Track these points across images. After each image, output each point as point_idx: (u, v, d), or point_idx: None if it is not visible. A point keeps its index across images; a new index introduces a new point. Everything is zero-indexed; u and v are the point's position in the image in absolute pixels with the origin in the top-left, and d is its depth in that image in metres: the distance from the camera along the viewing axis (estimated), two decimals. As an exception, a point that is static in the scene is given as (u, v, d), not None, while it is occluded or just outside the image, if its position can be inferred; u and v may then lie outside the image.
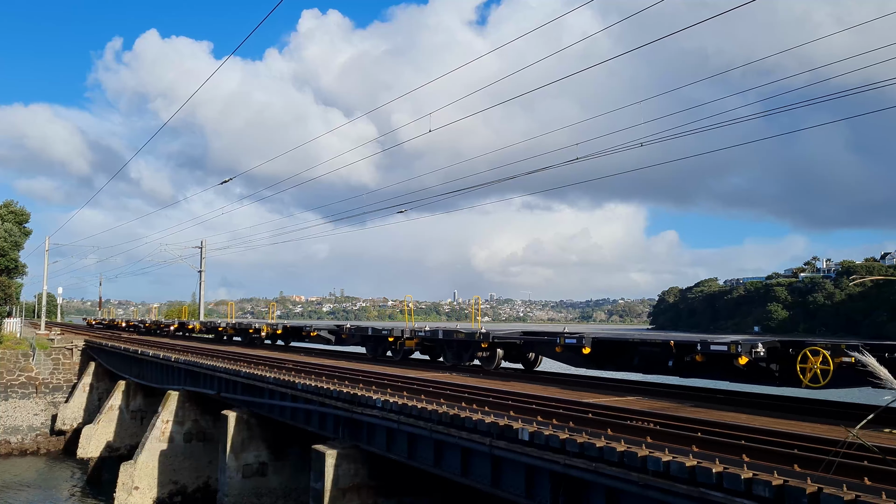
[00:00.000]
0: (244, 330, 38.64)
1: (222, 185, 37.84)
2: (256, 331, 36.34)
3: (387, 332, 24.76)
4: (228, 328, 40.76)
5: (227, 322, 42.26)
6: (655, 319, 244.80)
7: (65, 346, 45.99)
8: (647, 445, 9.07)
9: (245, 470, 21.49)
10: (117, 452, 33.54)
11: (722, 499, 7.70)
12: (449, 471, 12.91)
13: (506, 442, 11.08)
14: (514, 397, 13.49)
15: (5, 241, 52.73)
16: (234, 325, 40.80)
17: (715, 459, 8.12)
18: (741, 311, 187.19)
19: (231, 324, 41.19)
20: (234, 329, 40.37)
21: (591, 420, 10.68)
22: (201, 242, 59.33)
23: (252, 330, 36.96)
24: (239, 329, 39.72)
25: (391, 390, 15.63)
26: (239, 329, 39.72)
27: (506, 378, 18.69)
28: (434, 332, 22.35)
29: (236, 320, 47.90)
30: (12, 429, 42.06)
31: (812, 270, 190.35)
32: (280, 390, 19.47)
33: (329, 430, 17.11)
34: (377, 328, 26.13)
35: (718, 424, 9.80)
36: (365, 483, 15.61)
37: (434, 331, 22.48)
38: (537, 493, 10.77)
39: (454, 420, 12.28)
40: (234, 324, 40.97)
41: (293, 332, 33.88)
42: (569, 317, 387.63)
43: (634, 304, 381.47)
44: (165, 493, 26.02)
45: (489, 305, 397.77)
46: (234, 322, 42.14)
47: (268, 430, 21.76)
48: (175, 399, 26.58)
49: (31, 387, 43.60)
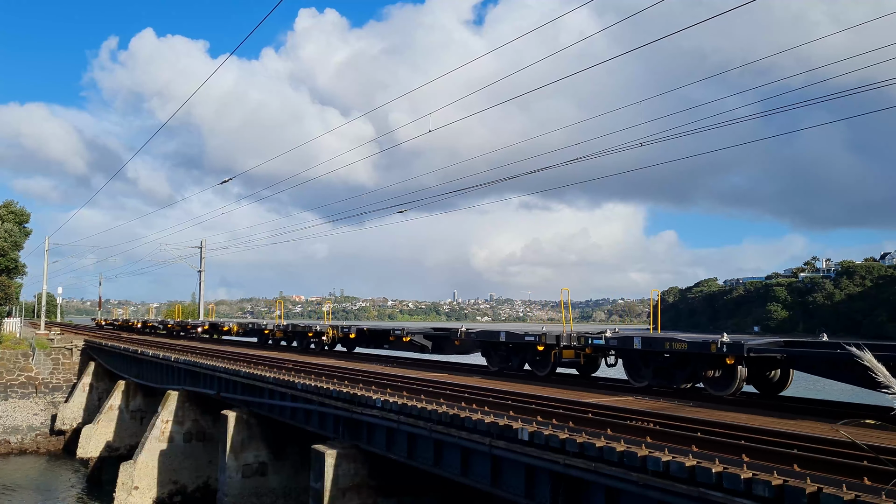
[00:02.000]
0: (300, 332, 31.17)
1: (221, 185, 37.86)
2: (318, 334, 29.18)
3: (533, 339, 18.00)
4: (277, 330, 33.06)
5: (277, 324, 34.39)
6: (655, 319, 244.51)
7: (64, 345, 46.00)
8: (647, 445, 9.07)
9: (245, 470, 21.49)
10: (117, 452, 33.52)
11: (722, 499, 7.70)
12: (449, 471, 12.92)
13: (505, 442, 11.08)
14: (514, 397, 13.50)
15: (5, 241, 52.72)
16: (284, 326, 32.96)
17: (715, 459, 8.12)
18: (741, 311, 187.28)
19: (280, 325, 33.47)
20: (287, 332, 32.60)
21: (591, 420, 10.68)
22: (201, 242, 59.37)
23: (312, 333, 29.64)
24: (294, 332, 32.02)
25: (391, 390, 15.64)
26: (294, 332, 32.02)
27: (506, 378, 18.68)
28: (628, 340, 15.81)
29: (289, 321, 40.30)
30: (12, 429, 42.05)
31: (812, 270, 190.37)
32: (280, 390, 19.47)
33: (329, 430, 17.11)
34: (515, 332, 19.15)
35: (718, 424, 9.80)
36: (365, 483, 15.61)
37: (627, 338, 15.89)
38: (537, 492, 10.78)
39: (454, 420, 12.28)
40: (286, 325, 33.11)
41: (372, 337, 27.16)
42: (569, 317, 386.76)
43: (634, 304, 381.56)
44: (165, 492, 26.02)
45: (489, 305, 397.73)
46: (286, 324, 34.05)
47: (268, 429, 21.75)
48: (175, 399, 26.58)
49: (31, 387, 43.60)
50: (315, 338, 29.68)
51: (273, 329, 33.62)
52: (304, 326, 31.01)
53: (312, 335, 29.77)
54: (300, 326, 31.50)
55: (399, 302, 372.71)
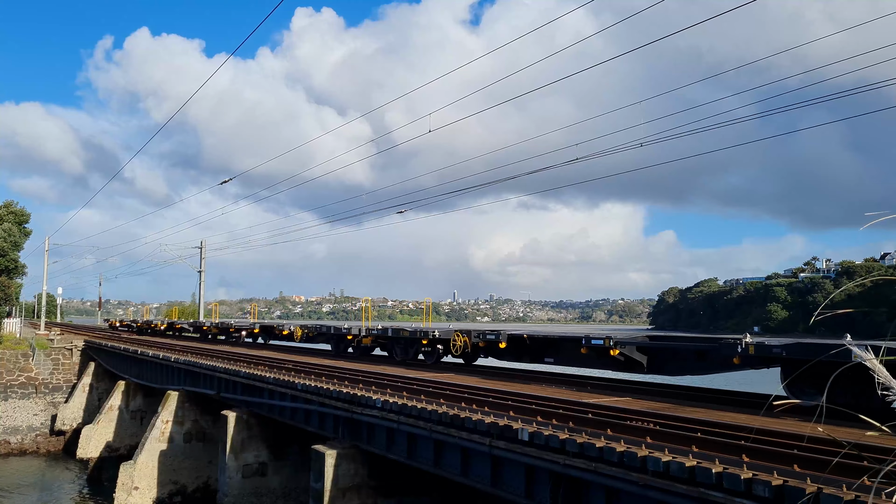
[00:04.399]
0: (406, 340, 23.29)
1: (221, 185, 37.85)
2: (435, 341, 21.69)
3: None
4: (363, 336, 25.43)
5: (365, 327, 26.51)
6: (655, 319, 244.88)
7: (64, 346, 46.00)
8: (647, 445, 9.07)
9: (245, 470, 21.49)
10: (117, 452, 33.53)
11: (721, 499, 7.70)
12: (449, 471, 12.92)
13: (505, 442, 11.08)
14: (514, 397, 13.49)
15: (5, 242, 52.74)
16: (379, 331, 25.16)
17: (714, 459, 8.12)
18: (741, 311, 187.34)
19: (376, 330, 25.50)
20: (382, 338, 24.98)
21: (591, 420, 10.68)
22: (201, 242, 59.34)
23: (428, 342, 21.95)
24: (395, 338, 23.97)
25: (391, 390, 15.63)
26: (395, 338, 23.97)
27: (506, 378, 18.68)
28: None
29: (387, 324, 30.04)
30: (12, 429, 42.06)
31: (812, 270, 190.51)
32: (280, 390, 19.48)
33: (329, 430, 17.11)
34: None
35: (718, 424, 9.79)
36: (365, 483, 15.61)
37: None
38: (537, 492, 10.78)
39: (454, 420, 12.28)
40: (382, 330, 25.09)
41: (535, 348, 19.15)
42: (568, 317, 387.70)
43: (634, 305, 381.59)
44: (165, 493, 26.02)
45: (489, 306, 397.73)
46: (382, 327, 26.20)
47: (267, 430, 21.75)
48: (175, 399, 26.58)
49: (31, 387, 43.60)
50: (429, 346, 22.07)
51: (357, 334, 25.97)
52: (420, 331, 22.53)
53: (427, 344, 22.11)
54: (406, 331, 23.26)
55: (399, 302, 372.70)
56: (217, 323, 43.32)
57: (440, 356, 22.46)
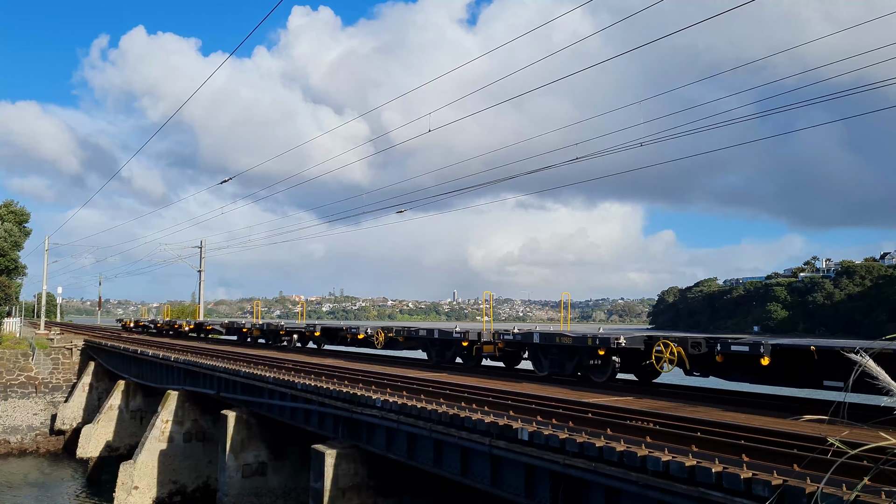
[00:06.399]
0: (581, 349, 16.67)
1: (220, 185, 37.86)
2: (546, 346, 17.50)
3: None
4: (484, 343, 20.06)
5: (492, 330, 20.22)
6: (655, 319, 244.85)
7: (64, 345, 46.00)
8: (647, 445, 9.08)
9: (245, 470, 21.50)
10: (117, 452, 33.53)
11: (721, 498, 7.70)
12: (448, 470, 12.92)
13: (505, 442, 11.08)
14: (514, 397, 13.49)
15: (5, 241, 52.75)
16: (522, 335, 18.49)
17: (714, 459, 8.13)
18: (741, 311, 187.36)
19: (510, 333, 18.97)
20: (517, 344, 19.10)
21: (591, 420, 10.68)
22: (201, 242, 59.35)
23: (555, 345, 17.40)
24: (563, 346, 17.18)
25: (391, 390, 15.64)
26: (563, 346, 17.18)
27: (506, 378, 18.68)
28: None
29: (523, 325, 24.21)
30: (12, 428, 42.06)
31: (811, 270, 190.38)
32: (280, 390, 19.48)
33: (329, 430, 17.12)
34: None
35: (718, 424, 9.79)
36: (365, 483, 15.62)
37: None
38: (537, 492, 10.78)
39: (454, 420, 12.28)
40: (529, 334, 18.22)
41: None
42: (567, 317, 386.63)
43: (634, 304, 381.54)
44: (165, 492, 26.03)
45: (489, 306, 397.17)
46: (530, 331, 18.58)
47: (267, 429, 21.76)
48: (175, 399, 26.58)
49: (31, 386, 43.60)
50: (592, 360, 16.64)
51: (478, 339, 20.27)
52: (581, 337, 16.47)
53: None
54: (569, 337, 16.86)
55: (399, 302, 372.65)
56: (262, 325, 35.75)
57: None
